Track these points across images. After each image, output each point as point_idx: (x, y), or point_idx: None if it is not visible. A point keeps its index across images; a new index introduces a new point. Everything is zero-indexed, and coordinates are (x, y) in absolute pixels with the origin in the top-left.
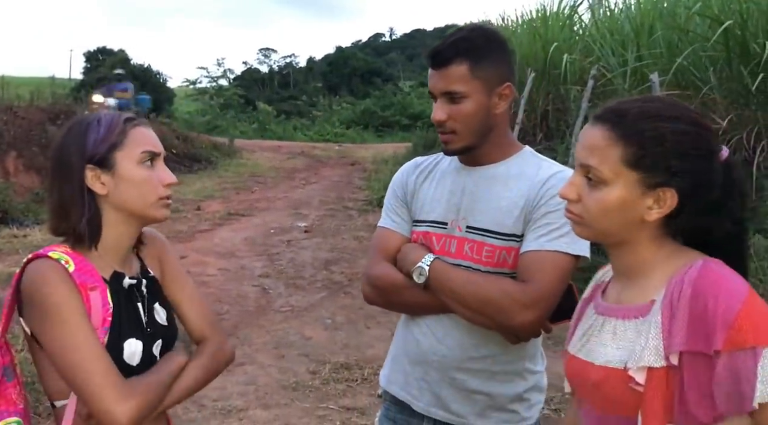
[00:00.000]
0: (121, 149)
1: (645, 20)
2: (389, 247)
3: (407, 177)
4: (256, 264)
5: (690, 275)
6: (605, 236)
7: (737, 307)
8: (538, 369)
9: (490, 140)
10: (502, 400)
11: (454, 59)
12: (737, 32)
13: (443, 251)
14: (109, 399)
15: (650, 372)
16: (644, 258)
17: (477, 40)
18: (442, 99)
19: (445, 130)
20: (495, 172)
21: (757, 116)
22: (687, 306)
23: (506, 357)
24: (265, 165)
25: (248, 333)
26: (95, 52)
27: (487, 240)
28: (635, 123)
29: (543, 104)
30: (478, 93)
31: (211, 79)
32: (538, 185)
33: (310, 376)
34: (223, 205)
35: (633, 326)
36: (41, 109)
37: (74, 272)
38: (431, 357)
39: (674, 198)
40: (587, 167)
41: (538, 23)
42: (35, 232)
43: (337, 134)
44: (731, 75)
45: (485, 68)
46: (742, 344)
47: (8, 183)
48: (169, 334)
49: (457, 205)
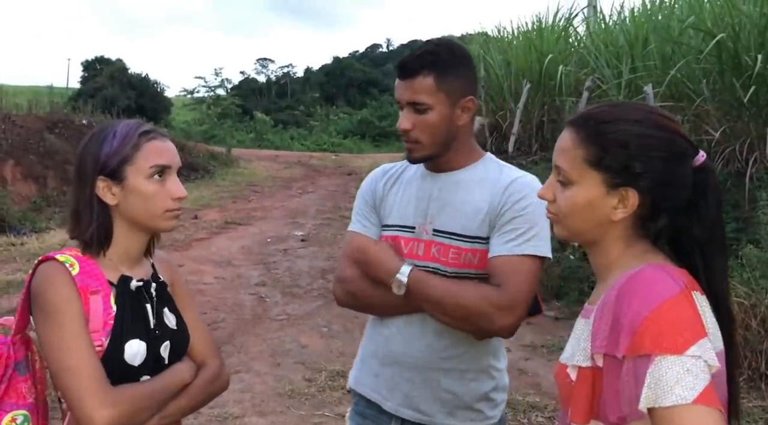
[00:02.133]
0: (132, 162)
1: (639, 33)
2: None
3: (376, 183)
4: (252, 273)
5: (622, 279)
6: (578, 235)
7: (644, 314)
8: (501, 367)
9: (452, 149)
10: (469, 399)
11: (420, 71)
12: (730, 45)
13: (411, 254)
14: (90, 405)
15: (579, 371)
16: (611, 259)
17: (443, 54)
18: (407, 109)
19: (410, 139)
20: (459, 178)
21: (750, 128)
22: (611, 310)
23: (472, 354)
24: (262, 174)
25: (244, 341)
26: (93, 62)
27: (453, 243)
28: (597, 126)
29: (538, 115)
30: (442, 105)
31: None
32: (501, 190)
33: (305, 384)
34: (220, 214)
35: (583, 325)
36: (39, 118)
37: (77, 276)
38: (402, 358)
39: (635, 198)
40: (558, 168)
41: (533, 35)
42: (32, 240)
43: (333, 144)
44: (724, 87)
45: (450, 82)
46: (641, 350)
47: (5, 191)
48: (178, 338)
49: (424, 210)
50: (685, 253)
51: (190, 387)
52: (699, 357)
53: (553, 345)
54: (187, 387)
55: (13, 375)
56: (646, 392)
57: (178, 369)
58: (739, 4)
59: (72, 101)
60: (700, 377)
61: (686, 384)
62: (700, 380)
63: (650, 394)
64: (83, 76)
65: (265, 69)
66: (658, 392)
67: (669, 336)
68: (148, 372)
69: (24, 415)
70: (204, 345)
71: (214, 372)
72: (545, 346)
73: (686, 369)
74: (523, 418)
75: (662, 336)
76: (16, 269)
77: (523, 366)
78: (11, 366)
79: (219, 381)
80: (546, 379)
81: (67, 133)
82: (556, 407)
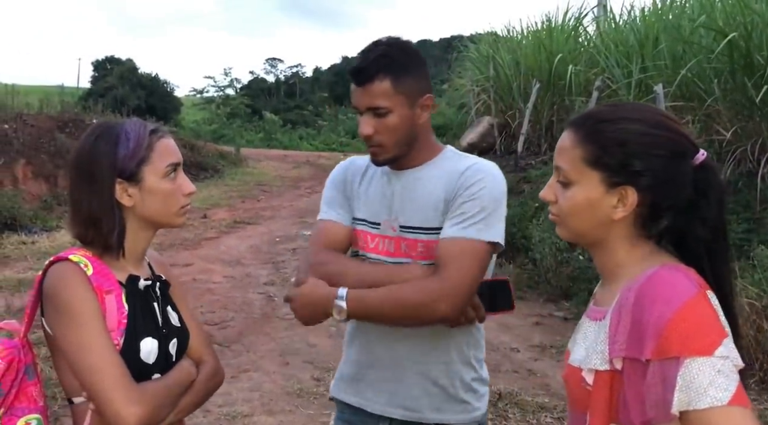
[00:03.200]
0: (148, 163)
1: (649, 32)
2: (334, 237)
3: (345, 173)
4: (261, 272)
5: (638, 281)
6: (580, 235)
7: (668, 316)
8: (481, 357)
9: (414, 147)
10: (455, 391)
11: (376, 76)
12: (741, 44)
13: (377, 250)
14: (119, 402)
15: (597, 375)
16: (618, 259)
17: (397, 55)
18: (367, 114)
19: (373, 143)
20: (420, 174)
21: (762, 128)
22: (630, 312)
23: (453, 345)
24: (271, 174)
25: (253, 340)
26: (103, 62)
27: (419, 237)
28: (595, 125)
29: (548, 115)
30: (402, 106)
31: (218, 89)
32: (456, 177)
33: (314, 383)
34: (229, 213)
35: (596, 327)
36: (50, 117)
37: (92, 276)
38: (383, 356)
39: (635, 196)
40: (558, 169)
41: (543, 35)
42: (43, 239)
43: (342, 144)
44: (735, 87)
45: (406, 82)
46: (668, 353)
47: (17, 190)
48: (183, 335)
49: (388, 207)
50: (690, 253)
51: (194, 384)
52: (727, 358)
53: (562, 345)
54: (192, 384)
55: (24, 379)
56: (678, 395)
57: (184, 366)
58: (751, 3)
59: (82, 101)
60: (731, 377)
61: (719, 385)
62: (731, 380)
63: (683, 397)
64: (93, 75)
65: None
66: (691, 394)
67: (696, 338)
68: (159, 370)
69: (37, 419)
70: (200, 342)
71: (212, 369)
72: (554, 347)
73: (717, 371)
74: (532, 419)
75: (689, 338)
76: (27, 267)
77: (531, 366)
78: (22, 369)
79: (217, 377)
80: (555, 380)
81: (78, 132)
82: (565, 408)
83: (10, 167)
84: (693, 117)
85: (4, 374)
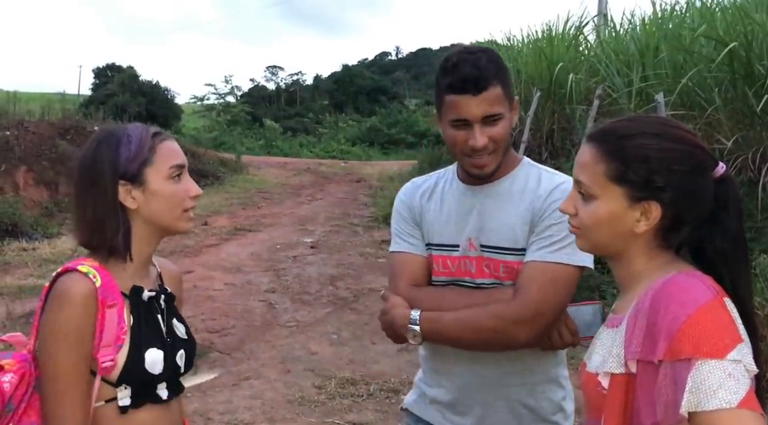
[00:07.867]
0: (151, 165)
1: (650, 41)
2: (413, 270)
3: (411, 199)
4: (262, 279)
5: (654, 287)
6: (601, 248)
7: (682, 318)
8: (566, 375)
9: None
10: (544, 412)
11: (491, 82)
12: (742, 54)
13: (460, 272)
14: None
15: (612, 378)
16: (636, 270)
17: (499, 61)
18: (479, 124)
19: (485, 153)
20: (500, 189)
21: (762, 137)
22: (645, 316)
23: (541, 366)
24: (272, 181)
25: (254, 348)
26: (104, 69)
27: (502, 257)
28: (618, 141)
29: (548, 123)
30: (507, 111)
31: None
32: (542, 198)
33: (315, 391)
34: (229, 220)
35: (612, 334)
36: (51, 124)
37: (100, 288)
38: (470, 379)
39: (658, 211)
40: (579, 183)
41: (543, 43)
42: (44, 245)
43: (342, 151)
44: (736, 96)
45: (508, 86)
46: (680, 354)
47: (18, 197)
48: (190, 347)
49: (467, 225)
50: (709, 262)
51: None
52: (739, 362)
53: (576, 351)
54: None
55: (33, 392)
56: (687, 396)
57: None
58: (752, 13)
59: (83, 108)
60: (742, 381)
61: (729, 388)
62: (742, 384)
63: (692, 398)
64: (94, 83)
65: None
66: (701, 396)
67: (709, 341)
68: (166, 380)
69: None
70: None
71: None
72: (567, 353)
73: (728, 374)
74: None
75: (702, 340)
76: (27, 274)
77: None
78: (32, 383)
79: None
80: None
81: (79, 139)
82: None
83: (11, 174)
84: (694, 126)
85: (17, 388)
